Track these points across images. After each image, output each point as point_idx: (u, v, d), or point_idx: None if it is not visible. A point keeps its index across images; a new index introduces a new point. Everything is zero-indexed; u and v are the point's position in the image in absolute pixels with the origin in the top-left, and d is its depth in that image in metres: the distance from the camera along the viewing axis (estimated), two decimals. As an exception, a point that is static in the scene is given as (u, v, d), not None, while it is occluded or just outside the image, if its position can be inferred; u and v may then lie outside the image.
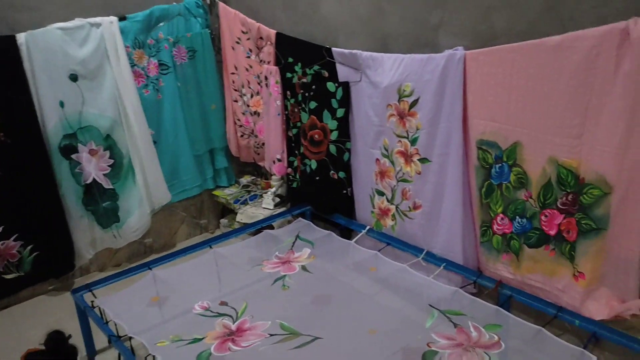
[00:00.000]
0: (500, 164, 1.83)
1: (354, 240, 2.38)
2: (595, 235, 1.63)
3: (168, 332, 1.89)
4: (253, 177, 3.20)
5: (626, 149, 1.51)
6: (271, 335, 1.83)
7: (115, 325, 1.96)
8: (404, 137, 2.11)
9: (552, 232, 1.74)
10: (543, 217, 1.75)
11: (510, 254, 1.89)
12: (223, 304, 2.04)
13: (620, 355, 1.68)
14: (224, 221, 3.19)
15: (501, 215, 1.88)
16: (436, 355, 1.67)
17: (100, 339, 2.16)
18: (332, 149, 2.47)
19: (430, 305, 1.89)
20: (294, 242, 2.44)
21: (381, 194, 2.31)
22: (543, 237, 1.77)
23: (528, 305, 1.84)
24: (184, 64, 2.88)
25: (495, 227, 1.91)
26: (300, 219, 2.63)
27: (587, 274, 1.68)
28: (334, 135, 2.44)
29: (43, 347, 1.90)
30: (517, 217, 1.83)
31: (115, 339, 1.89)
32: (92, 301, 2.09)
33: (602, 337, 1.66)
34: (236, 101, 3.01)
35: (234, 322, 1.92)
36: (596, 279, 1.68)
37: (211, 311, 2.00)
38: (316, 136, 2.52)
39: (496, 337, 1.71)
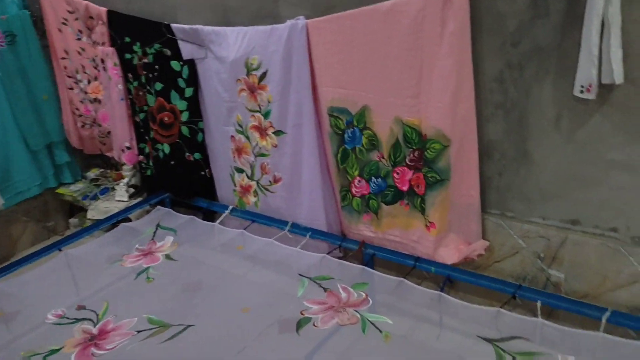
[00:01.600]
0: (351, 129, 1.89)
1: (218, 221, 2.32)
2: (440, 186, 1.75)
3: (20, 349, 1.70)
4: (101, 170, 2.96)
5: (457, 104, 1.63)
6: (138, 332, 1.72)
7: (-48, 353, 1.71)
8: (257, 111, 2.09)
9: (405, 188, 1.84)
10: (395, 175, 1.84)
11: (370, 214, 1.97)
12: (81, 308, 1.87)
13: (473, 292, 1.84)
14: (73, 220, 2.93)
15: (358, 177, 1.95)
16: (310, 321, 1.69)
17: None
18: (185, 130, 2.37)
19: (300, 275, 1.91)
20: (154, 232, 2.31)
21: (240, 171, 2.27)
22: (397, 194, 1.87)
23: (390, 260, 1.94)
24: (2, 51, 2.55)
25: (353, 190, 1.98)
26: (159, 207, 2.50)
27: (436, 223, 1.81)
28: (184, 116, 2.34)
29: None
30: (373, 177, 1.90)
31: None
32: None
33: (455, 279, 1.81)
34: (71, 89, 2.74)
35: (95, 326, 1.77)
36: (444, 227, 1.81)
37: (67, 318, 1.82)
38: (166, 119, 2.39)
39: (364, 295, 1.78)
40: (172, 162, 2.47)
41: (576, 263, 1.66)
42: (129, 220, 2.49)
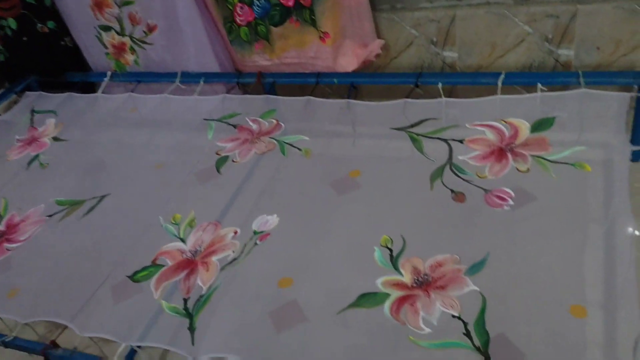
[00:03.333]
0: (218, -52, 1.71)
1: (100, 91, 2.12)
2: (326, -9, 1.67)
3: None
4: (-57, 70, 2.55)
5: None
6: (50, 216, 1.60)
7: None
8: (104, -49, 1.81)
9: (290, 3, 1.74)
10: (277, -10, 1.73)
11: (261, 41, 1.87)
12: (-24, 212, 1.70)
13: (378, 94, 1.87)
14: None
15: (239, 4, 1.80)
16: (227, 159, 1.65)
17: None
18: (26, -4, 2.04)
19: (205, 119, 1.83)
20: (31, 119, 2.08)
21: (107, 29, 2.03)
22: (284, 12, 1.77)
23: (291, 83, 1.89)
24: None
25: (237, 19, 1.84)
26: (27, 93, 2.22)
27: (330, 32, 1.75)
28: (20, -21, 2.00)
29: None
30: (255, 0, 1.77)
31: None
32: None
33: (359, 83, 1.82)
34: None
35: (0, 223, 1.63)
36: (339, 34, 1.77)
37: (-35, 225, 1.66)
38: (-2, -13, 2.03)
39: (274, 121, 1.75)
40: (25, 39, 2.15)
41: (466, 39, 1.71)
42: (-3, 115, 2.22)
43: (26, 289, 1.40)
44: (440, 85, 1.65)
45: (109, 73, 2.14)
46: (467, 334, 1.04)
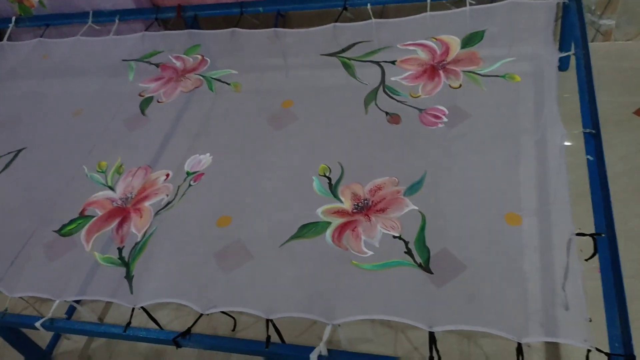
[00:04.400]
0: None
1: (5, 39, 1.93)
2: None
3: None
4: None
5: None
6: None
7: None
8: None
9: None
10: None
11: (175, -31, 1.73)
12: None
13: (306, 22, 1.78)
14: None
15: None
16: (152, 100, 1.56)
17: None
18: None
19: (124, 60, 1.70)
20: None
21: (2, -34, 1.83)
22: None
23: (215, 15, 1.78)
24: None
25: (146, -55, 1.70)
26: None
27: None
28: None
29: None
30: None
31: None
32: None
33: (285, 10, 1.72)
34: None
35: None
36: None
37: None
38: None
39: (199, 57, 1.65)
40: None
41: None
42: None
43: (-56, 254, 1.30)
44: (369, 6, 1.59)
45: (13, 18, 1.94)
46: (409, 252, 1.05)
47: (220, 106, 1.51)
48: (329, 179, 1.23)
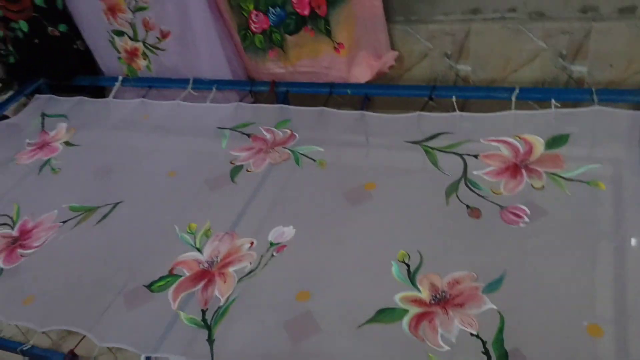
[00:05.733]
0: (236, -43, 1.71)
1: (111, 96, 2.12)
2: (341, 2, 1.68)
3: None
4: (-49, 70, 2.54)
5: None
6: (64, 222, 1.60)
7: None
8: (121, -43, 1.81)
9: (306, 12, 1.74)
10: (294, 0, 1.73)
11: (275, 49, 1.87)
12: (-12, 216, 1.70)
13: (391, 106, 1.88)
14: (-62, 134, 2.55)
15: (254, 12, 1.81)
16: (242, 169, 1.66)
17: None
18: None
19: (219, 128, 1.83)
20: (42, 122, 2.08)
21: (120, 34, 2.03)
22: (300, 20, 1.77)
23: (305, 92, 1.90)
24: None
25: (252, 26, 1.85)
26: (37, 95, 2.22)
27: (344, 42, 1.76)
28: (32, -17, 1.99)
29: None
30: (270, 8, 1.78)
31: None
32: None
33: (372, 95, 1.83)
34: None
35: (13, 229, 1.63)
36: (353, 45, 1.78)
37: (-23, 230, 1.66)
38: (11, -11, 2.02)
39: (289, 131, 1.76)
40: (36, 41, 2.14)
41: (480, 52, 1.72)
42: (7, 117, 2.21)
43: (41, 296, 1.40)
44: (454, 98, 1.66)
45: (120, 77, 2.14)
46: (486, 352, 1.06)
47: (304, 180, 1.59)
48: (408, 265, 1.26)
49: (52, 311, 1.35)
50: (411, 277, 1.23)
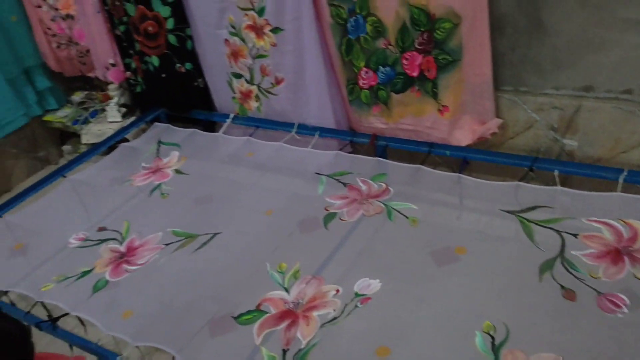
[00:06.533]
0: (354, 17, 1.81)
1: (221, 131, 2.28)
2: (452, 67, 1.72)
3: (49, 275, 1.70)
4: (86, 92, 2.84)
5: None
6: (166, 245, 1.73)
7: (-18, 285, 1.71)
8: (250, 9, 1.97)
9: (415, 74, 1.80)
10: (404, 61, 1.80)
11: (380, 105, 1.94)
12: (102, 229, 1.86)
13: (489, 171, 1.87)
14: (67, 148, 2.84)
15: (364, 69, 1.90)
16: (335, 216, 1.72)
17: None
18: (172, 39, 2.24)
19: (317, 173, 1.91)
20: (157, 149, 2.26)
21: (238, 76, 2.19)
22: (407, 81, 1.83)
23: (403, 149, 1.94)
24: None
25: (360, 82, 1.93)
26: (156, 123, 2.43)
27: (450, 106, 1.80)
28: (170, 24, 2.21)
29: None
30: (380, 67, 1.86)
31: (-12, 300, 1.66)
32: (-58, 269, 1.78)
33: (471, 159, 1.83)
34: (39, 7, 2.55)
35: (121, 244, 1.77)
36: (458, 109, 1.81)
37: (91, 240, 1.82)
38: (150, 28, 2.25)
39: (384, 185, 1.80)
40: (163, 75, 2.36)
41: (590, 130, 1.69)
42: (127, 140, 2.43)
43: (140, 313, 1.51)
44: (556, 172, 1.64)
45: (231, 115, 2.30)
46: None
47: (395, 235, 1.62)
48: (493, 338, 1.24)
49: (146, 328, 1.45)
50: (495, 350, 1.21)
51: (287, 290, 1.48)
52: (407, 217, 1.66)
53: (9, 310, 1.62)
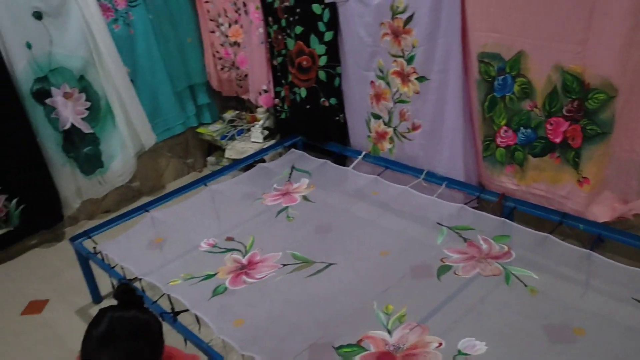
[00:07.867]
0: (503, 76, 1.81)
1: (352, 166, 2.37)
2: (601, 140, 1.65)
3: (178, 271, 1.87)
4: (237, 112, 3.11)
5: (630, 50, 1.50)
6: (284, 265, 1.83)
7: (122, 269, 1.93)
8: (400, 56, 2.06)
9: (557, 140, 1.75)
10: (548, 126, 1.76)
11: (514, 166, 1.90)
12: (230, 239, 2.02)
13: (623, 253, 1.74)
14: (211, 159, 3.11)
15: (505, 127, 1.88)
16: (450, 269, 1.70)
17: (103, 286, 2.13)
18: (322, 75, 2.40)
19: (439, 223, 1.91)
20: (290, 174, 2.41)
21: (377, 117, 2.28)
22: (548, 146, 1.78)
23: (532, 214, 1.88)
24: (152, -7, 2.71)
25: (498, 140, 1.91)
26: (292, 150, 2.59)
27: (591, 178, 1.71)
28: (322, 61, 2.36)
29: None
30: (522, 128, 1.83)
31: (126, 282, 1.86)
32: (94, 247, 2.04)
33: (606, 237, 1.72)
34: (213, 32, 2.86)
35: (244, 256, 1.91)
36: (600, 183, 1.71)
37: (219, 247, 1.98)
38: (304, 63, 2.43)
39: (506, 247, 1.75)
40: (308, 107, 2.53)
41: None
42: (264, 161, 2.61)
43: (250, 324, 1.61)
44: None
45: (363, 153, 2.38)
46: None
47: (509, 301, 1.57)
48: None
49: (254, 339, 1.55)
50: None
51: (389, 332, 1.50)
52: (525, 285, 1.60)
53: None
